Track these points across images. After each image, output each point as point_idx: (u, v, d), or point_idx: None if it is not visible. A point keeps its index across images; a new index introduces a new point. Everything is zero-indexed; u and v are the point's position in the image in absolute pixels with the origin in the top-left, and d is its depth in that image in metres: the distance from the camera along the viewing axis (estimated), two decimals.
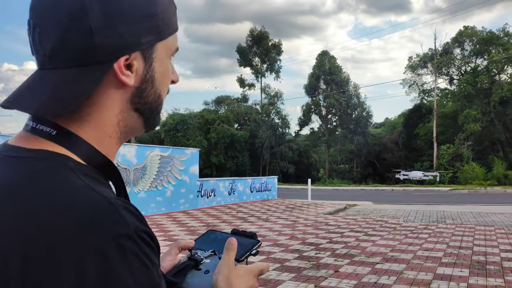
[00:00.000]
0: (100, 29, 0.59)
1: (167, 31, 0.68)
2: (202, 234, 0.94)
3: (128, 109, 0.66)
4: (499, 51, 36.19)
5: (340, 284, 5.43)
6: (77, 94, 0.60)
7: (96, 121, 0.63)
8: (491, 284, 5.42)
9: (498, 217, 12.46)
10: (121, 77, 0.62)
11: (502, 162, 31.70)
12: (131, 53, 0.63)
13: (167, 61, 0.70)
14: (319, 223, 10.90)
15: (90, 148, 0.63)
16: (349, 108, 42.37)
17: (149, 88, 0.67)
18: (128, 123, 0.67)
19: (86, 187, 0.57)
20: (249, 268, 0.79)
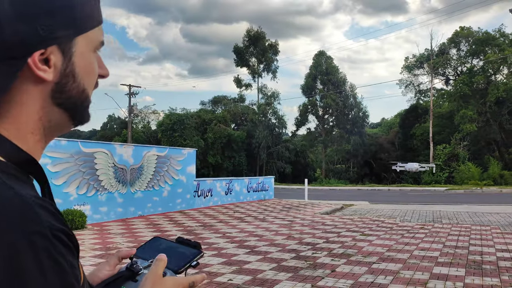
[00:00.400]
0: (11, 23, 0.57)
1: (88, 24, 0.65)
2: (146, 241, 0.91)
3: (50, 105, 0.64)
4: (495, 51, 36.34)
5: (337, 283, 5.44)
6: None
7: (15, 117, 0.62)
8: (487, 283, 5.45)
9: (494, 217, 12.51)
10: (37, 72, 0.60)
11: (497, 162, 31.84)
12: (47, 48, 0.60)
13: (91, 55, 0.68)
14: (316, 223, 10.91)
15: (10, 145, 0.61)
16: (345, 108, 42.45)
17: (70, 82, 0.65)
18: (52, 119, 0.65)
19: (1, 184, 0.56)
20: (177, 280, 0.77)
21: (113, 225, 10.19)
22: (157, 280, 0.73)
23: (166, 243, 0.90)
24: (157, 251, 0.83)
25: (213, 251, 7.29)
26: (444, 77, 42.31)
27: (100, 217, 10.47)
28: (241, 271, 6.01)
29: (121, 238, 8.43)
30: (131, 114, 40.77)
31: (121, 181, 11.09)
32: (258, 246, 7.80)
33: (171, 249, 0.87)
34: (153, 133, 44.37)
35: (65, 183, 9.47)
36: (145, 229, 9.63)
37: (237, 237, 8.74)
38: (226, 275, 5.76)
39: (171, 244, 0.89)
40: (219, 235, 9.01)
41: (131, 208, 11.40)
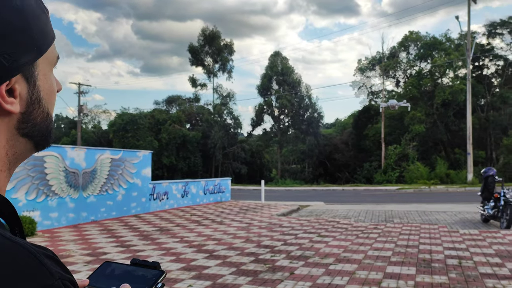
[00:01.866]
0: None
1: (46, 44, 0.62)
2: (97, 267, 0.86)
3: (16, 136, 0.61)
4: (441, 55, 38.02)
5: (296, 286, 5.53)
6: None
7: None
8: (436, 281, 5.71)
9: (441, 215, 13.10)
10: (5, 106, 0.57)
11: (444, 161, 33.25)
12: (11, 78, 0.57)
13: (51, 74, 0.65)
14: (273, 225, 11.01)
15: None
16: (301, 109, 43.06)
17: (36, 109, 0.62)
18: (17, 151, 0.62)
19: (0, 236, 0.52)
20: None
21: (65, 231, 9.84)
22: None
23: (121, 268, 0.85)
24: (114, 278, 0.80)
25: (171, 257, 7.19)
26: (394, 79, 43.84)
27: (50, 223, 10.07)
28: (201, 276, 5.98)
29: (74, 245, 8.15)
30: (81, 113, 39.50)
31: (73, 185, 10.71)
32: (217, 250, 7.78)
33: (129, 273, 0.82)
34: (104, 134, 43.18)
35: (13, 189, 9.04)
36: (99, 235, 9.36)
37: (195, 241, 8.67)
38: (185, 281, 5.71)
39: (127, 267, 0.84)
40: (177, 239, 8.91)
41: (84, 213, 11.03)
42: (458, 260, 6.93)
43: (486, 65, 41.31)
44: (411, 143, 35.79)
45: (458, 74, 37.98)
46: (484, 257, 7.09)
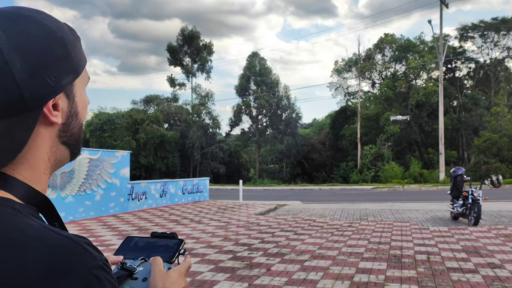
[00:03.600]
0: (25, 81, 0.62)
1: (81, 66, 0.72)
2: (121, 243, 0.95)
3: (57, 144, 0.71)
4: (415, 58, 38.91)
5: (272, 282, 5.74)
6: (15, 145, 0.64)
7: (30, 162, 0.67)
8: (405, 275, 6.00)
9: (413, 213, 13.52)
10: (51, 118, 0.67)
11: (418, 161, 34.01)
12: (56, 96, 0.67)
13: (84, 92, 0.76)
14: (251, 224, 11.21)
15: (27, 188, 0.67)
16: (279, 109, 43.41)
17: (73, 121, 0.72)
18: (57, 157, 0.72)
19: (44, 228, 0.62)
20: (178, 270, 0.86)
21: None
22: (164, 276, 0.82)
23: (143, 240, 0.94)
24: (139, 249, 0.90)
25: None
26: (370, 81, 44.65)
27: None
28: None
29: None
30: None
31: (50, 185, 10.69)
32: (195, 249, 7.93)
33: (152, 244, 0.93)
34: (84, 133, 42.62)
35: None
36: None
37: None
38: None
39: (149, 239, 0.94)
40: None
41: (62, 214, 11.01)
42: (427, 255, 7.26)
43: (458, 68, 42.51)
44: (386, 143, 36.51)
45: (432, 76, 38.95)
46: (452, 253, 7.44)
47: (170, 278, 0.83)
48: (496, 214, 12.69)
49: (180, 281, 0.84)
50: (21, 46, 0.63)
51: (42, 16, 0.69)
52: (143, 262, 0.86)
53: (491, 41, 40.75)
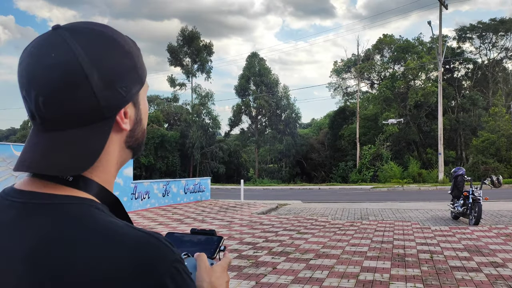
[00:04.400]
0: (102, 92, 0.68)
1: (144, 76, 0.78)
2: None
3: (123, 148, 0.76)
4: (414, 58, 39.07)
5: (278, 280, 5.84)
6: (95, 149, 0.69)
7: (104, 165, 0.72)
8: (409, 274, 6.11)
9: (413, 213, 13.63)
10: (122, 125, 0.73)
11: (416, 161, 34.10)
12: (127, 104, 0.73)
13: (145, 99, 0.81)
14: (254, 223, 11.31)
15: (103, 190, 0.72)
16: (278, 109, 43.52)
17: (138, 127, 0.78)
18: (123, 160, 0.78)
19: (127, 226, 0.67)
20: (221, 265, 0.90)
21: None
22: (210, 271, 0.87)
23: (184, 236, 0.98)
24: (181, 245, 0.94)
25: None
26: (369, 81, 44.82)
27: None
28: None
29: None
30: None
31: None
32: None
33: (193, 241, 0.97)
34: None
35: None
36: None
37: None
38: None
39: (190, 236, 0.98)
40: None
41: None
42: (429, 254, 7.36)
43: (456, 68, 42.71)
44: (385, 143, 36.65)
45: (430, 77, 39.11)
46: (454, 252, 7.56)
47: (215, 273, 0.87)
48: (496, 214, 12.82)
49: (224, 275, 0.89)
50: (97, 61, 0.68)
51: (111, 31, 0.74)
52: (186, 257, 0.89)
53: (489, 42, 40.97)
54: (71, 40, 0.68)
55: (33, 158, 0.67)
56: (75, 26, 0.71)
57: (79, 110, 0.67)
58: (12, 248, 0.64)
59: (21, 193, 0.69)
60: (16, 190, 0.70)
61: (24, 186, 0.70)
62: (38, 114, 0.67)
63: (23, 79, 0.68)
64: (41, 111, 0.66)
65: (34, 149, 0.68)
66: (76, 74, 0.66)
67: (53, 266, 0.61)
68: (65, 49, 0.67)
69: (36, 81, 0.66)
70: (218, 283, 0.86)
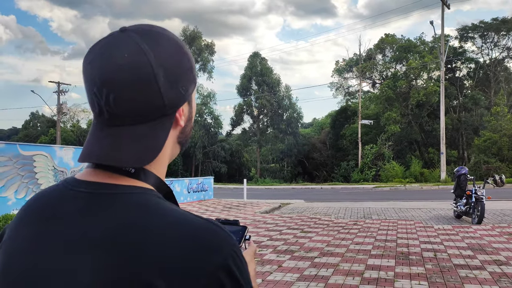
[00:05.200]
0: (166, 91, 0.72)
1: (197, 76, 0.82)
2: None
3: (175, 143, 0.80)
4: (416, 58, 39.06)
5: (284, 277, 5.89)
6: (158, 144, 0.74)
7: (161, 159, 0.76)
8: (414, 272, 6.16)
9: (416, 212, 13.68)
10: (180, 122, 0.77)
11: (418, 160, 34.12)
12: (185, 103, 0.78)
13: (195, 97, 0.85)
14: (258, 222, 11.37)
15: (160, 181, 0.76)
16: (280, 109, 43.56)
17: (189, 124, 0.82)
18: (174, 154, 0.81)
19: (187, 213, 0.71)
20: (249, 254, 0.95)
21: None
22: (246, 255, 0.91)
23: None
24: None
25: None
26: (371, 81, 44.83)
27: None
28: None
29: None
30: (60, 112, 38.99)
31: None
32: None
33: None
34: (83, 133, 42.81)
35: (3, 187, 9.15)
36: None
37: None
38: None
39: None
40: None
41: None
42: (433, 253, 7.41)
43: (458, 68, 42.72)
44: (386, 143, 36.67)
45: (432, 76, 39.11)
46: (457, 250, 7.61)
47: (247, 256, 0.91)
48: (499, 213, 12.86)
49: (252, 263, 0.94)
50: (163, 61, 0.72)
51: (170, 33, 0.78)
52: None
53: (491, 42, 40.96)
54: (141, 42, 0.72)
55: (101, 150, 0.71)
56: (141, 29, 0.75)
57: (146, 107, 0.71)
58: (87, 235, 0.68)
59: (86, 183, 0.73)
60: (80, 180, 0.74)
61: (88, 177, 0.74)
62: (107, 110, 0.71)
63: (95, 78, 0.71)
64: (111, 107, 0.70)
65: (102, 142, 0.72)
66: (147, 74, 0.70)
67: (129, 250, 0.65)
68: (137, 50, 0.71)
69: (109, 80, 0.70)
70: (251, 264, 0.91)
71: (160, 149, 0.74)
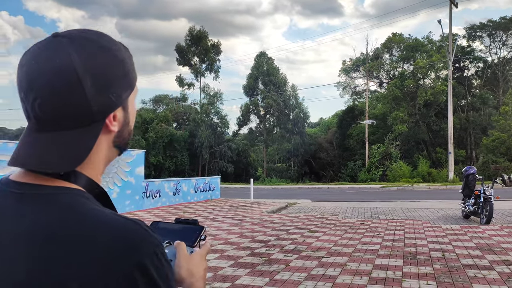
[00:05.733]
0: (94, 97, 0.73)
1: (135, 81, 0.83)
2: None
3: (111, 147, 0.82)
4: (423, 57, 38.86)
5: (292, 277, 5.90)
6: (84, 150, 0.75)
7: (93, 162, 0.78)
8: (422, 272, 6.15)
9: (424, 212, 13.62)
10: (111, 127, 0.78)
11: (426, 160, 33.95)
12: (116, 109, 0.78)
13: (134, 102, 0.86)
14: (265, 221, 11.38)
15: (92, 183, 0.78)
16: (286, 109, 43.51)
17: (126, 128, 0.83)
18: (110, 157, 0.83)
19: (112, 213, 0.73)
20: (200, 253, 0.95)
21: None
22: (188, 259, 0.92)
23: (168, 225, 1.02)
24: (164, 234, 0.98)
25: None
26: (378, 80, 44.66)
27: None
28: None
29: None
30: None
31: None
32: (213, 245, 8.11)
33: (176, 230, 1.01)
34: None
35: None
36: None
37: None
38: None
39: (173, 225, 1.02)
40: None
41: None
42: (441, 252, 7.39)
43: (466, 67, 42.44)
44: (394, 143, 36.52)
45: (440, 75, 38.89)
46: (466, 250, 7.58)
47: (193, 260, 0.92)
48: (508, 213, 12.78)
49: (202, 263, 0.94)
50: (91, 68, 0.73)
51: (106, 40, 0.79)
52: (168, 245, 0.93)
53: (499, 40, 40.66)
54: (69, 48, 0.73)
55: (26, 155, 0.73)
56: (73, 34, 0.76)
57: (72, 113, 0.72)
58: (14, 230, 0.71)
59: (19, 184, 0.75)
60: (13, 181, 0.76)
61: (21, 178, 0.76)
62: (33, 115, 0.73)
63: (22, 82, 0.73)
64: (37, 112, 0.72)
65: (28, 147, 0.74)
66: (71, 80, 0.71)
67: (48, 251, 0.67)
68: (63, 56, 0.72)
69: (35, 85, 0.71)
70: (196, 270, 0.91)
71: (85, 156, 0.75)
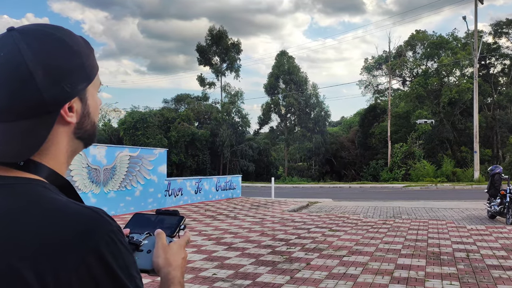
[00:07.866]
0: (46, 88, 0.74)
1: (93, 74, 0.83)
2: (129, 219, 1.05)
3: (73, 139, 0.82)
4: (448, 54, 38.17)
5: (313, 275, 5.91)
6: (36, 141, 0.75)
7: (53, 153, 0.79)
8: (445, 272, 6.07)
9: (448, 212, 13.41)
10: (67, 119, 0.79)
11: (450, 160, 33.39)
12: (72, 99, 0.79)
13: (96, 95, 0.87)
14: (286, 220, 11.40)
15: (52, 173, 0.79)
16: (307, 107, 43.36)
17: (86, 120, 0.83)
18: (73, 149, 0.84)
19: (68, 201, 0.74)
20: (178, 243, 0.96)
21: None
22: (166, 248, 0.93)
23: (149, 217, 1.04)
24: (145, 224, 1.01)
25: (192, 248, 7.60)
26: (401, 78, 44.05)
27: None
28: (223, 266, 6.38)
29: None
30: None
31: (95, 181, 11.17)
32: (235, 243, 8.18)
33: (157, 221, 1.03)
34: (114, 132, 43.70)
35: None
36: None
37: (213, 235, 9.08)
38: (209, 270, 6.12)
39: (156, 216, 1.04)
40: (195, 233, 9.32)
41: (105, 208, 11.36)
42: (466, 253, 7.27)
43: (492, 64, 41.48)
44: (417, 141, 35.98)
45: (465, 73, 38.13)
46: (491, 251, 7.44)
47: (171, 249, 0.94)
48: None
49: (180, 252, 0.95)
50: (43, 60, 0.74)
51: (62, 33, 0.80)
52: (148, 236, 0.95)
53: None
54: (19, 41, 0.75)
55: None
56: (26, 28, 0.79)
57: (25, 104, 0.73)
58: None
59: None
60: None
61: None
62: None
63: None
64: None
65: None
66: (22, 71, 0.73)
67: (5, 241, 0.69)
68: (13, 49, 0.75)
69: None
70: (173, 259, 0.93)
71: (40, 144, 0.76)
